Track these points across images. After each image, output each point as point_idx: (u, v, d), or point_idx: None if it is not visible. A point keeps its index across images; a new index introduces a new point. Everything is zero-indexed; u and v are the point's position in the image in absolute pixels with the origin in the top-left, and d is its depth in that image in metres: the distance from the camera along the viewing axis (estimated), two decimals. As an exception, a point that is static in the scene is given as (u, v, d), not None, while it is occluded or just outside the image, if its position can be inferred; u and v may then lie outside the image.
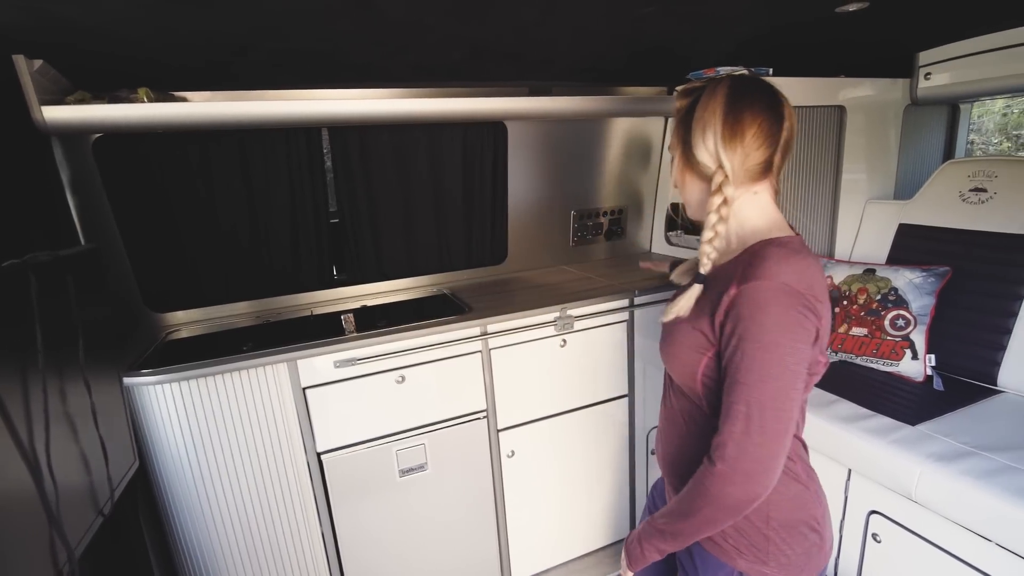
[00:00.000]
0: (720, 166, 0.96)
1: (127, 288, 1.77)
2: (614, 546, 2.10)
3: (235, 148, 1.78)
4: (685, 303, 0.99)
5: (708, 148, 0.96)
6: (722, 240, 0.98)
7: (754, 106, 0.94)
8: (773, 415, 0.86)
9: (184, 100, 1.62)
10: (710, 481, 0.90)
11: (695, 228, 2.35)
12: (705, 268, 0.99)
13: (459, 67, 1.70)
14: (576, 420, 1.88)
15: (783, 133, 0.96)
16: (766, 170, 0.98)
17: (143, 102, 1.45)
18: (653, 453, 2.05)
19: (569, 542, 2.02)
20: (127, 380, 1.35)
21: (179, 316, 1.89)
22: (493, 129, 2.08)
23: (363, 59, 1.52)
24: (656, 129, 2.34)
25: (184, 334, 1.80)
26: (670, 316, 1.02)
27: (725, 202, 0.96)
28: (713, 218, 0.97)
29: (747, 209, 0.99)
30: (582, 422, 1.89)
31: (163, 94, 1.58)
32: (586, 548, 2.06)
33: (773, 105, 0.96)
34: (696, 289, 0.99)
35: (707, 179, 0.99)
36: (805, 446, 1.05)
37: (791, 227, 1.02)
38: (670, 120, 2.30)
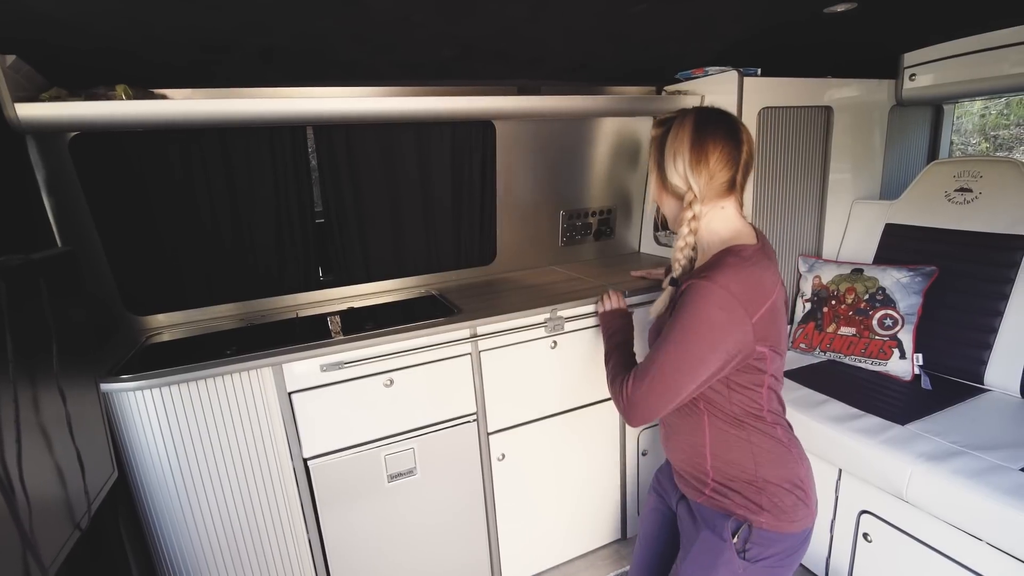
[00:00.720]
0: (689, 187, 1.14)
1: (106, 291, 1.72)
2: (606, 548, 2.09)
3: (217, 147, 1.74)
4: (660, 303, 1.26)
5: (679, 172, 1.14)
6: (691, 250, 1.19)
7: (716, 134, 1.12)
8: (666, 381, 1.11)
9: (164, 98, 1.57)
10: (617, 387, 1.21)
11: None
12: (676, 272, 1.22)
13: (447, 66, 1.67)
14: (567, 422, 1.87)
15: (742, 156, 1.14)
16: (730, 188, 1.15)
17: (121, 100, 1.41)
18: (644, 455, 2.04)
19: (561, 545, 2.00)
20: (105, 386, 1.30)
21: (160, 319, 1.84)
22: (482, 128, 2.06)
23: (349, 57, 1.49)
24: (645, 129, 2.34)
25: (166, 337, 1.75)
26: (653, 315, 1.27)
27: (695, 217, 1.15)
28: (684, 230, 1.16)
29: (715, 222, 1.17)
30: (574, 424, 1.88)
31: (142, 91, 1.54)
32: (578, 551, 2.05)
33: (732, 132, 1.13)
34: (669, 290, 1.23)
35: (679, 197, 1.18)
36: (789, 424, 1.24)
37: (757, 233, 1.20)
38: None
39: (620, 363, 1.33)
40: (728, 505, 1.20)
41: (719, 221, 1.17)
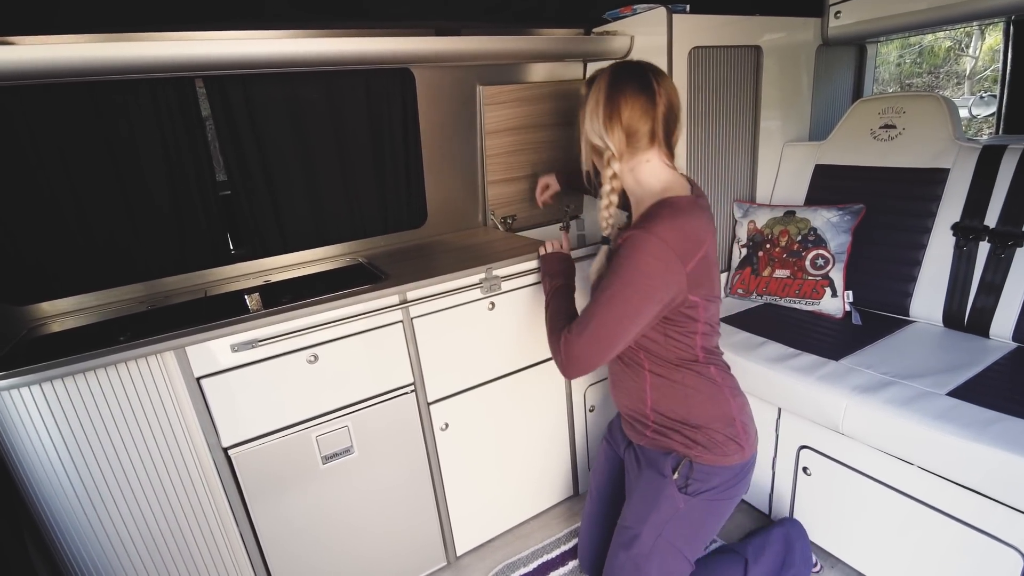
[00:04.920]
0: (607, 146, 1.15)
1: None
2: (559, 506, 2.08)
3: (89, 105, 1.50)
4: (598, 263, 1.27)
5: (595, 131, 1.16)
6: (616, 208, 1.22)
7: (626, 89, 1.12)
8: (604, 333, 1.11)
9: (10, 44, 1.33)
10: (555, 340, 1.21)
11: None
12: (606, 231, 1.24)
13: (348, 1, 1.49)
14: (511, 385, 1.80)
15: (659, 108, 1.13)
16: (651, 140, 1.15)
17: (-53, 46, 1.16)
18: (592, 411, 2.02)
19: (513, 508, 1.97)
20: (-34, 388, 1.11)
21: (45, 308, 1.62)
22: (400, 77, 1.89)
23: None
24: (575, 75, 2.23)
25: (55, 328, 1.54)
26: (593, 276, 1.28)
27: (614, 175, 1.17)
28: (606, 188, 1.19)
29: (643, 175, 1.18)
30: (518, 386, 1.82)
31: (-19, 38, 1.29)
32: (532, 511, 2.02)
33: (645, 85, 1.12)
34: (604, 250, 1.25)
35: (602, 156, 1.19)
36: (726, 364, 1.30)
37: (691, 184, 1.21)
38: (589, 66, 2.19)
39: (560, 312, 1.32)
40: (668, 444, 1.27)
41: (647, 174, 1.18)
